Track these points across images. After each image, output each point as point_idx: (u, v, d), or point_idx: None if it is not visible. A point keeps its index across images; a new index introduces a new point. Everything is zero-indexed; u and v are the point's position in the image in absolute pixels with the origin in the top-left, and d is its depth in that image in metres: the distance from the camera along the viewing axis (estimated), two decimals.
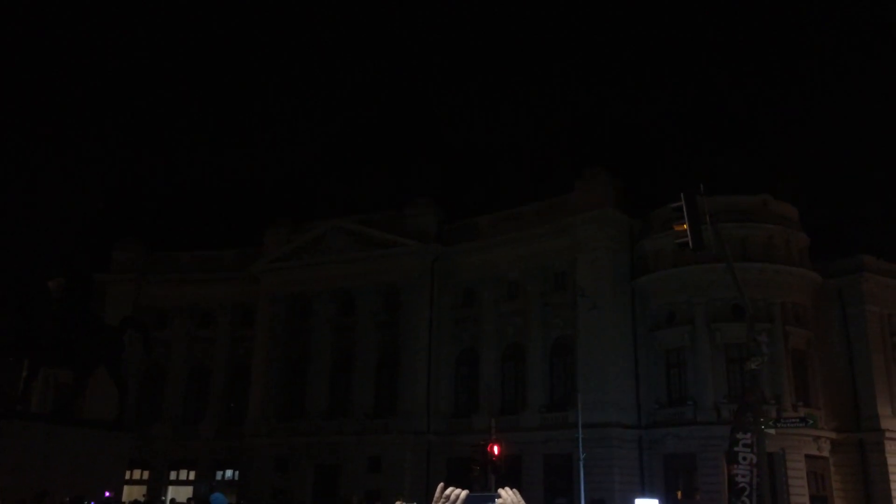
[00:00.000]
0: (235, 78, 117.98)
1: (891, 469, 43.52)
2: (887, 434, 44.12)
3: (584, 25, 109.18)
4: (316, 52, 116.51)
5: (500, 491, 3.79)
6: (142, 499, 46.84)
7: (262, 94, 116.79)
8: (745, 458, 26.78)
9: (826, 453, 42.83)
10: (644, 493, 42.27)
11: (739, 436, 27.32)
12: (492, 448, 30.04)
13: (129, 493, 39.54)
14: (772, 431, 29.71)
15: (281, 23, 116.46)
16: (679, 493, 42.94)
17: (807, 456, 41.54)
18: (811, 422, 29.85)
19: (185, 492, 52.08)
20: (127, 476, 37.80)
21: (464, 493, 3.80)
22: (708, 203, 20.59)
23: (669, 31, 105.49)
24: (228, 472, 56.53)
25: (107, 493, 25.69)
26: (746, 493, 26.60)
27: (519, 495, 3.78)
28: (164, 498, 52.30)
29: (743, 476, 26.59)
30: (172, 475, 57.34)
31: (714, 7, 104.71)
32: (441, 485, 3.83)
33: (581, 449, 39.11)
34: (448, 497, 3.78)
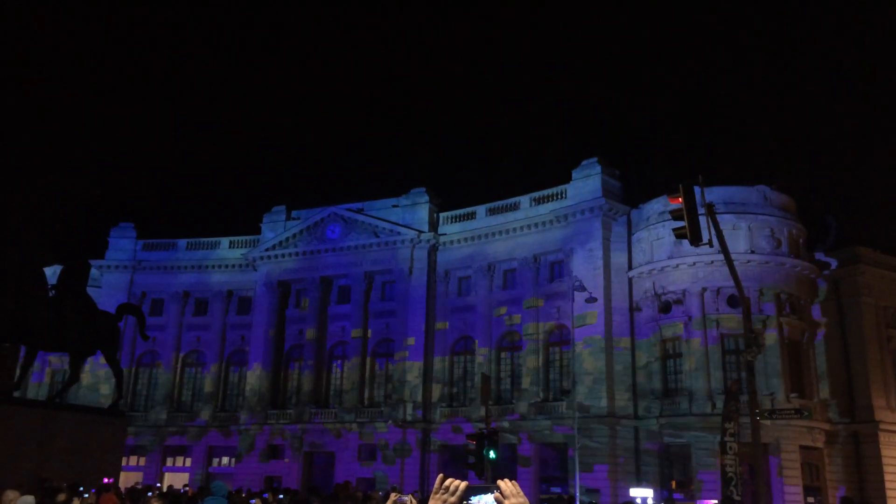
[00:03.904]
0: (234, 67, 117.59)
1: (885, 460, 43.74)
2: (881, 426, 44.32)
3: (582, 18, 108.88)
4: (315, 41, 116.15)
5: (499, 482, 3.77)
6: (138, 486, 46.84)
7: (261, 84, 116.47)
8: (731, 448, 26.95)
9: (820, 444, 42.98)
10: (639, 484, 42.44)
11: (727, 426, 27.47)
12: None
13: (125, 479, 39.54)
14: (767, 422, 29.81)
15: (279, 13, 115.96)
16: (673, 484, 43.07)
17: (801, 447, 41.67)
18: (806, 413, 29.96)
19: (182, 478, 52.19)
20: (123, 462, 37.80)
21: (463, 484, 3.78)
22: (706, 194, 20.55)
23: (666, 24, 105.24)
24: (225, 459, 56.67)
25: (105, 480, 25.66)
26: (734, 482, 26.73)
27: (517, 487, 3.76)
28: (160, 484, 52.40)
29: (730, 466, 26.75)
30: (169, 461, 57.51)
31: (709, 1, 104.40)
32: (441, 476, 3.81)
33: (576, 439, 39.19)
34: (448, 488, 3.76)
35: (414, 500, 20.51)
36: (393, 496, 5.54)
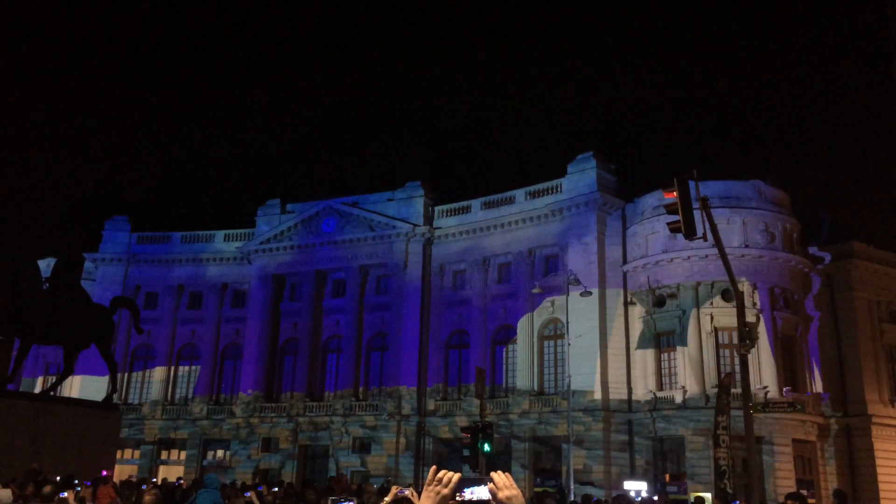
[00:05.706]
0: (228, 60, 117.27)
1: (877, 454, 43.95)
2: (874, 419, 44.54)
3: (577, 13, 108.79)
4: (309, 34, 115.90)
5: (492, 474, 3.79)
6: (132, 479, 46.81)
7: (256, 77, 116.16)
8: (723, 442, 27.12)
9: (813, 437, 43.16)
10: (633, 477, 42.58)
11: (720, 419, 27.62)
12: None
13: (119, 472, 39.55)
14: (760, 416, 29.92)
15: (275, 6, 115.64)
16: (667, 477, 43.23)
17: (794, 440, 41.85)
18: (799, 407, 30.06)
19: (176, 471, 52.16)
20: (117, 455, 37.81)
21: (456, 476, 3.80)
22: (700, 188, 20.57)
23: (661, 19, 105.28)
24: (219, 452, 56.66)
25: (104, 473, 25.65)
26: (727, 475, 26.90)
27: (511, 479, 3.78)
28: (154, 478, 52.41)
29: (723, 459, 26.91)
30: (163, 455, 57.49)
31: None
32: (433, 468, 3.83)
33: (570, 432, 39.29)
34: (441, 480, 3.78)
35: (415, 493, 20.59)
36: (395, 489, 5.56)
